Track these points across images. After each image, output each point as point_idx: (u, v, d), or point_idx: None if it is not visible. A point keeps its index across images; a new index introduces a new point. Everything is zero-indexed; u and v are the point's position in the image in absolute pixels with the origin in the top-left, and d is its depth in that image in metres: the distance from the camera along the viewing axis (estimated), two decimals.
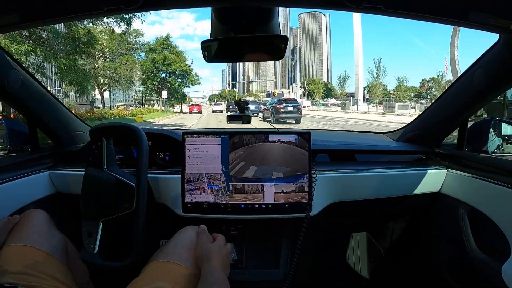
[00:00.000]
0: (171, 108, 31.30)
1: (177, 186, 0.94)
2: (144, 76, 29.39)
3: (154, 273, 0.68)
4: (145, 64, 28.68)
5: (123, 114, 19.16)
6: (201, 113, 26.33)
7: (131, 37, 26.74)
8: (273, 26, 0.75)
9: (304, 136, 0.92)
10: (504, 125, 1.09)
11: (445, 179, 1.04)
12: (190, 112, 25.91)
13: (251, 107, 17.52)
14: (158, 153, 1.08)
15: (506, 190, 0.79)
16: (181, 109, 31.27)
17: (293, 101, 14.91)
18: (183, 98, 32.59)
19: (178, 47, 33.56)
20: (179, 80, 30.18)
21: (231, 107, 25.28)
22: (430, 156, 1.13)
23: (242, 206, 0.92)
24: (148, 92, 30.96)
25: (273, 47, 0.77)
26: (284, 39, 0.76)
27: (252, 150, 0.92)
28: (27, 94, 0.95)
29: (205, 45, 0.79)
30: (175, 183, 0.95)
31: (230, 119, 0.99)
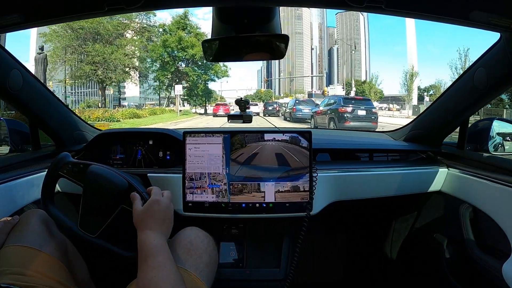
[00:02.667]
0: (195, 108, 24.35)
1: (178, 185, 0.94)
2: (156, 66, 21.75)
3: None
4: (154, 48, 21.14)
5: (96, 117, 13.20)
6: None
7: (139, 18, 20.57)
8: (274, 25, 0.75)
9: (305, 135, 0.93)
10: (504, 124, 1.09)
11: (446, 178, 1.04)
12: (215, 115, 19.08)
13: (305, 109, 13.08)
14: (159, 152, 1.08)
15: (506, 189, 0.79)
16: (206, 109, 24.48)
17: (366, 101, 9.92)
18: (207, 95, 24.25)
19: (200, 28, 23.03)
20: (201, 71, 22.11)
21: (270, 108, 19.19)
22: (431, 155, 1.13)
23: (243, 205, 0.92)
24: (164, 87, 23.29)
25: (275, 46, 0.77)
26: (285, 38, 0.76)
27: (253, 149, 0.93)
28: (28, 94, 0.95)
29: (206, 45, 0.79)
30: (176, 182, 0.96)
31: (231, 118, 0.99)
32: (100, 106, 20.88)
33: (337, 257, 1.37)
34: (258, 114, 17.16)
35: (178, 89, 20.41)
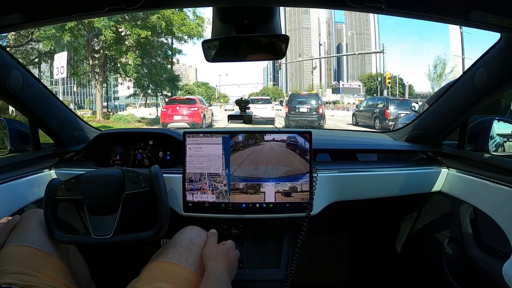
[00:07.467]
0: (151, 109, 13.88)
1: (178, 185, 0.94)
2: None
3: (153, 273, 0.69)
4: None
5: None
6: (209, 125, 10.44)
7: None
8: (274, 25, 0.75)
9: (305, 135, 0.93)
10: (505, 124, 1.09)
11: (446, 178, 1.04)
12: (163, 125, 9.27)
13: None
14: (159, 152, 1.09)
15: (506, 189, 0.79)
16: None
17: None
18: (170, 82, 13.06)
19: None
20: (131, 22, 11.00)
21: (304, 110, 10.70)
22: (431, 155, 1.13)
23: (243, 205, 0.92)
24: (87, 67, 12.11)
25: (275, 46, 0.77)
26: (285, 38, 0.76)
27: (253, 149, 0.92)
28: (28, 94, 0.95)
29: (206, 45, 0.79)
30: (176, 182, 0.96)
31: (231, 118, 0.99)
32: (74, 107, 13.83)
33: (337, 257, 1.37)
34: (272, 120, 9.45)
35: (59, 61, 9.70)
